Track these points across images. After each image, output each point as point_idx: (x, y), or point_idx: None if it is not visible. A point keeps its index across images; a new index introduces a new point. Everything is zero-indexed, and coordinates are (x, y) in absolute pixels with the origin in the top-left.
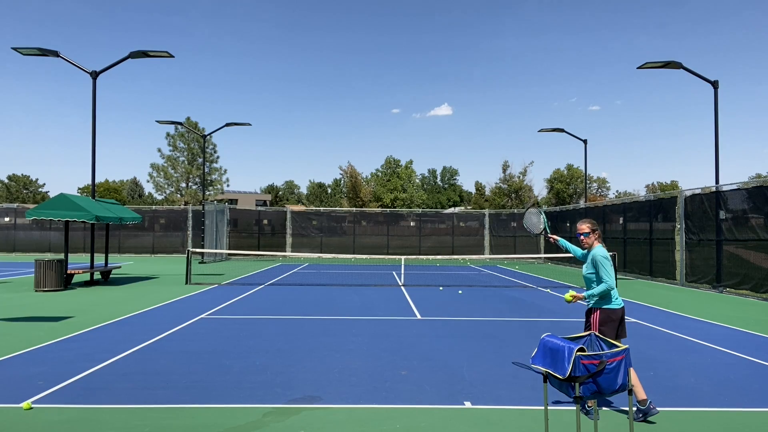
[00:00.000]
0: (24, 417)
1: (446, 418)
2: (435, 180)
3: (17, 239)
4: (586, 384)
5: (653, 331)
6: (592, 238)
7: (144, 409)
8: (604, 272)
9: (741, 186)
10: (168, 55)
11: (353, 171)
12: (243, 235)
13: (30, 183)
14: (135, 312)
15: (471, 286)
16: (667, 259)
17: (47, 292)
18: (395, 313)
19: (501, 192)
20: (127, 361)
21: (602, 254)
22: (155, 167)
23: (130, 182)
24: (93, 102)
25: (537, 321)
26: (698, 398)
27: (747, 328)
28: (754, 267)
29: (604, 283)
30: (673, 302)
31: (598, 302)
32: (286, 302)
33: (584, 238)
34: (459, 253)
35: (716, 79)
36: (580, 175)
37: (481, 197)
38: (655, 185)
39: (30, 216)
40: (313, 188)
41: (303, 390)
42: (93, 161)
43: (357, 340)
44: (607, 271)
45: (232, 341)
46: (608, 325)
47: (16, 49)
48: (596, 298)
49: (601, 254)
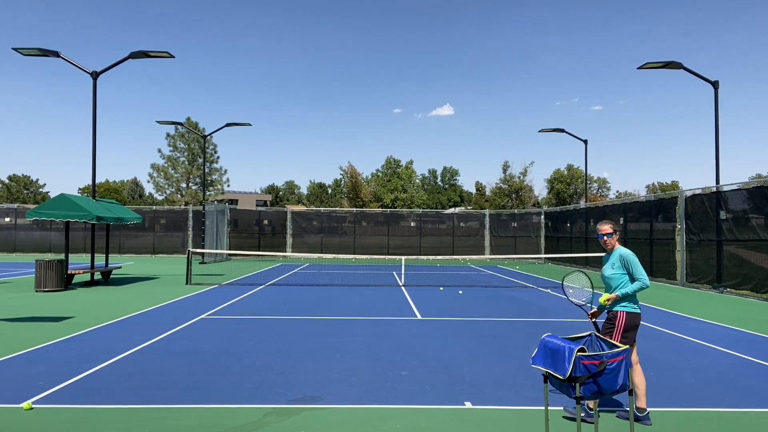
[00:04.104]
0: (24, 417)
1: (446, 418)
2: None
3: (18, 239)
4: (587, 384)
5: (653, 331)
6: (615, 238)
7: (144, 409)
8: (639, 271)
9: (741, 186)
10: (168, 55)
11: (353, 171)
12: (243, 236)
13: (30, 183)
14: (135, 312)
15: (471, 286)
16: (667, 260)
17: (48, 292)
18: (395, 314)
19: (501, 192)
20: (127, 361)
21: (632, 254)
22: (155, 167)
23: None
24: (93, 102)
25: (537, 321)
26: (698, 398)
27: (747, 328)
28: (755, 267)
29: (639, 282)
30: (673, 302)
31: (625, 304)
32: (287, 302)
33: (608, 238)
34: (459, 253)
35: (716, 80)
36: (580, 175)
37: (481, 197)
38: (655, 185)
39: (30, 216)
40: (313, 188)
41: (303, 390)
42: (93, 161)
43: (357, 341)
44: (641, 271)
45: (233, 341)
46: (632, 331)
47: (17, 49)
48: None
49: (631, 254)
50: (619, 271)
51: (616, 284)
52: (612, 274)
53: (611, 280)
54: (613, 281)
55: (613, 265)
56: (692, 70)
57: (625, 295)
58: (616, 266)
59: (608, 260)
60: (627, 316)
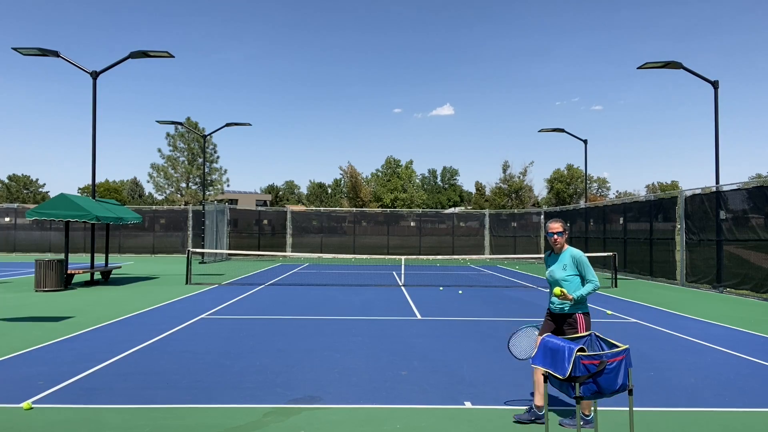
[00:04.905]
0: (24, 417)
1: (446, 418)
2: (435, 180)
3: (17, 239)
4: (587, 384)
5: (653, 331)
6: (565, 237)
7: (144, 409)
8: (591, 273)
9: (741, 186)
10: (168, 55)
11: (353, 171)
12: (243, 235)
13: (30, 183)
14: (135, 312)
15: (471, 286)
16: (667, 259)
17: (47, 292)
18: (395, 313)
19: (501, 192)
20: (127, 361)
21: (583, 255)
22: (155, 167)
23: (131, 182)
24: (93, 102)
25: (537, 321)
26: (698, 398)
27: (747, 328)
28: (755, 267)
29: (591, 284)
30: (673, 302)
31: (580, 306)
32: (287, 302)
33: (558, 237)
34: (459, 253)
35: (716, 80)
36: (580, 175)
37: (481, 197)
38: (655, 185)
39: (30, 216)
40: (313, 188)
41: (303, 390)
42: (93, 161)
43: (357, 340)
44: (593, 272)
45: (233, 341)
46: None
47: (16, 49)
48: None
49: (583, 255)
50: (573, 272)
51: (570, 287)
52: (566, 276)
53: (566, 282)
54: (568, 284)
55: (564, 266)
56: (692, 70)
57: (580, 298)
58: (569, 267)
59: (558, 261)
60: (585, 318)
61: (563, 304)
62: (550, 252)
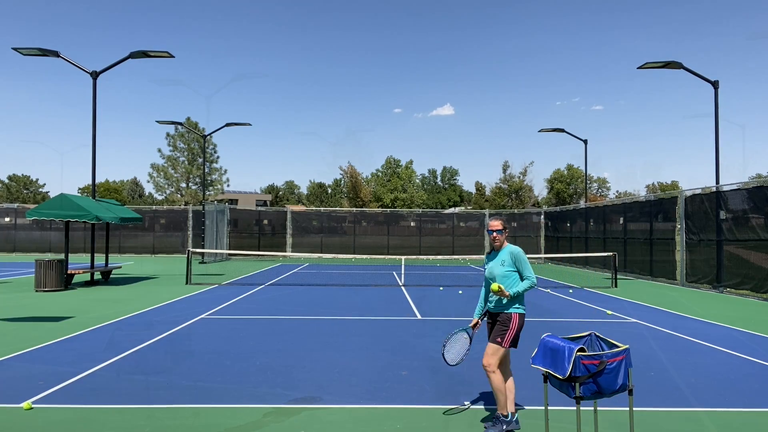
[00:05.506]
0: (24, 417)
1: (446, 418)
2: (435, 180)
3: (17, 239)
4: (587, 384)
5: (653, 331)
6: (505, 235)
7: (144, 409)
8: (528, 269)
9: (741, 186)
10: (168, 55)
11: (353, 171)
12: (243, 235)
13: (30, 183)
14: (135, 312)
15: (471, 286)
16: (667, 259)
17: (48, 292)
18: (395, 313)
19: (501, 192)
20: (127, 361)
21: (521, 251)
22: (155, 167)
23: (131, 182)
24: (93, 102)
25: (537, 321)
26: (698, 398)
27: (747, 328)
28: (755, 267)
29: (528, 280)
30: (673, 302)
31: (517, 306)
32: (287, 302)
33: (498, 235)
34: (459, 253)
35: (716, 80)
36: (580, 175)
37: (481, 197)
38: (655, 185)
39: (30, 216)
40: (313, 188)
41: (303, 390)
42: (93, 161)
43: (357, 340)
44: (530, 268)
45: (233, 341)
46: (520, 331)
47: (16, 49)
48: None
49: (521, 251)
50: (511, 269)
51: (507, 283)
52: (504, 272)
53: (504, 278)
54: (506, 280)
55: (503, 262)
56: (692, 70)
57: (516, 294)
58: (507, 263)
59: (497, 258)
60: (520, 317)
61: (501, 301)
62: (491, 250)
